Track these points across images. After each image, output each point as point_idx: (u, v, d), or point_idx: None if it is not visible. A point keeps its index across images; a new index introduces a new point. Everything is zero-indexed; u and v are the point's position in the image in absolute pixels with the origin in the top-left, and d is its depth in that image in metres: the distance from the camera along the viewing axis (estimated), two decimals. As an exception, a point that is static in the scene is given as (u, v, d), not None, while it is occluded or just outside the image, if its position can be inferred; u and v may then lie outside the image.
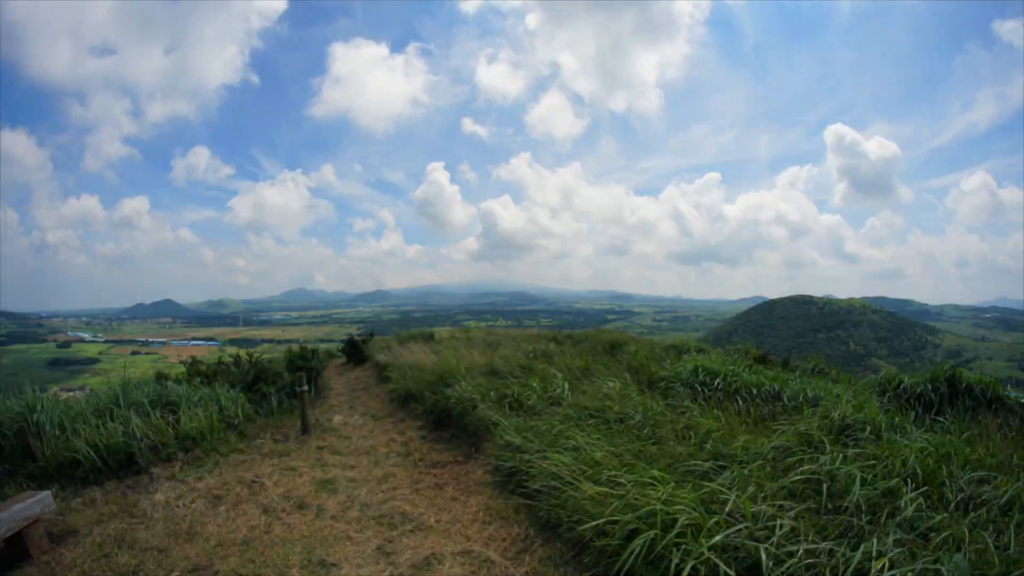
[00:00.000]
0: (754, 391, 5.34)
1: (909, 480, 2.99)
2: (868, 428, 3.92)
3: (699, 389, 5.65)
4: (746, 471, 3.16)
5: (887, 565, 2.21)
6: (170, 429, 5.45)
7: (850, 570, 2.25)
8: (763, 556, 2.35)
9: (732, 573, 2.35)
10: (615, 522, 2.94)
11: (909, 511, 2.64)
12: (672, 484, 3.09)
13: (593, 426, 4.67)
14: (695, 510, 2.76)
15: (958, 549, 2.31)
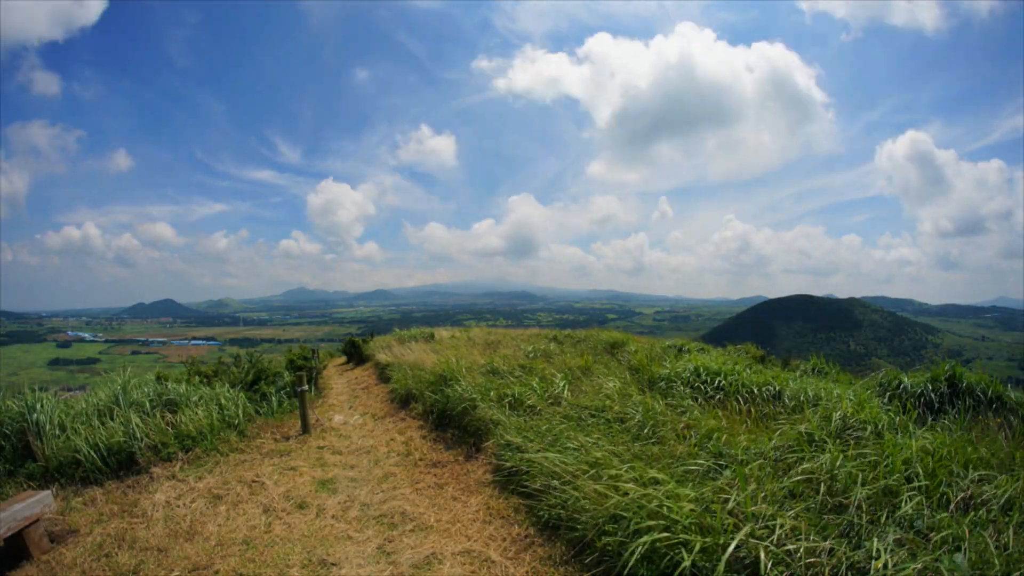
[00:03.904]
0: (754, 391, 5.34)
1: (910, 480, 2.99)
2: (869, 428, 3.92)
3: (700, 389, 5.66)
4: (746, 471, 3.16)
5: (887, 564, 2.21)
6: (170, 429, 5.46)
7: (850, 569, 2.25)
8: (762, 555, 2.35)
9: (731, 573, 2.35)
10: (616, 521, 2.95)
11: (909, 510, 2.64)
12: (673, 483, 3.10)
13: (593, 426, 4.68)
14: (696, 509, 2.77)
15: (958, 549, 2.31)
